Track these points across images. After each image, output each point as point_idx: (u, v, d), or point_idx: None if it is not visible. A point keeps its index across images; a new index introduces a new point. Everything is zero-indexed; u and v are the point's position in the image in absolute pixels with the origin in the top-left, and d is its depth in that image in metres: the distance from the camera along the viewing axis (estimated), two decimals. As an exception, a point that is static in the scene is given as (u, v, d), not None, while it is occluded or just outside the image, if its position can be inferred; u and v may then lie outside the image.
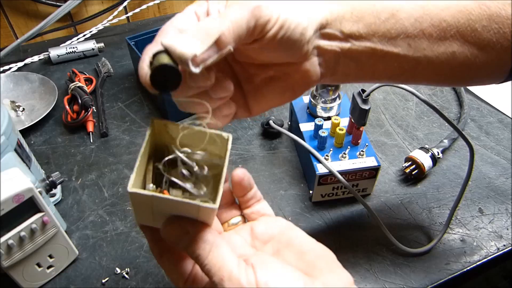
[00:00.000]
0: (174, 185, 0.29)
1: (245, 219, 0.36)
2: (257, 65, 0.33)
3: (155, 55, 0.26)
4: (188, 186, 0.28)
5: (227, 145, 0.29)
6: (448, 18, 0.33)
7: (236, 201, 0.37)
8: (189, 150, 0.29)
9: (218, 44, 0.26)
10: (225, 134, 0.29)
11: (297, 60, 0.32)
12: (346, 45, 0.33)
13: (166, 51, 0.25)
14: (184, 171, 0.29)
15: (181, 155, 0.28)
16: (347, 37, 0.32)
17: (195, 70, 0.25)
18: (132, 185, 0.26)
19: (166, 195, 0.27)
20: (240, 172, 0.34)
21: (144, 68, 0.26)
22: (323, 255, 0.31)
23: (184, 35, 0.26)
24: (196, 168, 0.29)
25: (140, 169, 0.28)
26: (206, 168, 0.29)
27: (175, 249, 0.31)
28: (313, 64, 0.33)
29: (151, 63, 0.26)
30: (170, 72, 0.25)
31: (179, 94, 0.28)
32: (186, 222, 0.28)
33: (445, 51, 0.34)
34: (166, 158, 0.29)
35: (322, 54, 0.33)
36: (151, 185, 0.29)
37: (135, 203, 0.28)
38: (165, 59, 0.25)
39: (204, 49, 0.25)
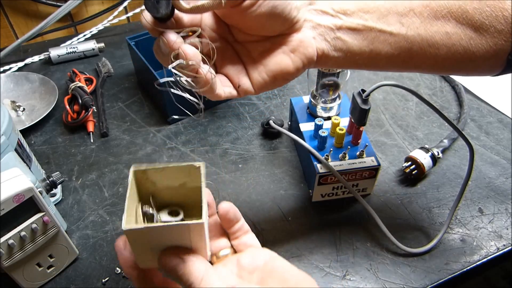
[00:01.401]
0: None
1: (234, 250, 0.38)
2: (253, 41, 0.35)
3: None
4: (178, 218, 0.32)
5: (200, 172, 0.31)
6: None
7: None
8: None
9: None
10: (196, 164, 0.31)
11: (289, 28, 0.34)
12: (338, 21, 0.34)
13: None
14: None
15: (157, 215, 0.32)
16: (337, 13, 0.34)
17: (185, 4, 0.28)
18: (126, 223, 0.28)
19: (158, 224, 0.28)
20: (226, 206, 0.36)
21: None
22: (305, 281, 0.33)
23: None
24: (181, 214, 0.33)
25: (129, 210, 0.29)
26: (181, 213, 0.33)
27: (165, 282, 0.33)
28: (307, 36, 0.35)
29: None
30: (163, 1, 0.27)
31: (166, 26, 0.30)
32: (181, 250, 0.30)
33: (439, 30, 0.34)
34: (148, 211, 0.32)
35: (315, 28, 0.35)
36: (134, 224, 0.31)
37: (132, 242, 0.30)
38: None
39: None
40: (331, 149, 0.53)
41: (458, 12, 0.34)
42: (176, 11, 0.30)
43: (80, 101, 0.67)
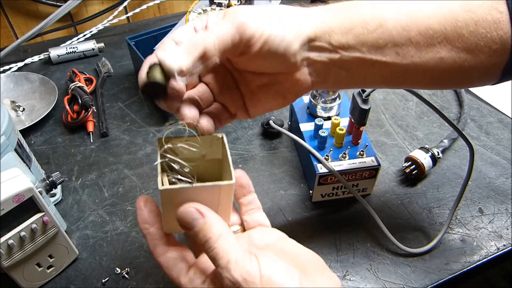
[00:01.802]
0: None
1: (243, 228, 0.38)
2: (252, 73, 0.36)
3: (151, 66, 0.29)
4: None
5: (223, 141, 0.34)
6: (434, 25, 0.33)
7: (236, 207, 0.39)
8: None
9: (203, 57, 0.29)
10: (219, 134, 0.34)
11: (287, 70, 0.34)
12: (336, 56, 0.34)
13: (160, 63, 0.29)
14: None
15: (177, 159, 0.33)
16: (336, 48, 0.34)
17: (180, 83, 0.29)
18: (163, 184, 0.30)
19: (192, 184, 0.30)
20: (239, 171, 0.36)
21: (142, 77, 0.30)
22: (314, 260, 0.33)
23: (175, 48, 0.29)
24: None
25: (161, 173, 0.31)
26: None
27: (177, 245, 0.33)
28: (304, 74, 0.35)
29: (148, 73, 0.29)
30: (158, 87, 0.29)
31: (165, 104, 0.32)
32: (202, 207, 0.30)
33: (433, 57, 0.34)
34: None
35: (312, 64, 0.35)
36: (170, 185, 0.33)
37: (164, 203, 0.31)
38: (157, 73, 0.29)
39: (190, 62, 0.29)
40: (331, 149, 0.53)
41: (454, 37, 0.34)
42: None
43: (80, 101, 0.67)
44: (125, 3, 0.89)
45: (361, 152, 0.53)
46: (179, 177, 0.32)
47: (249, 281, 0.28)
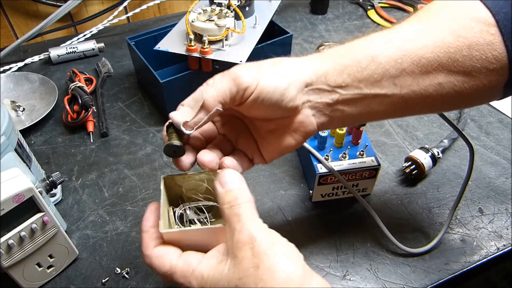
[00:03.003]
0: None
1: None
2: (259, 120, 0.39)
3: (167, 130, 0.35)
4: (204, 215, 0.38)
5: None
6: (427, 54, 0.35)
7: None
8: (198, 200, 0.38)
9: (205, 108, 0.34)
10: (219, 171, 0.36)
11: (288, 114, 0.36)
12: (335, 96, 0.36)
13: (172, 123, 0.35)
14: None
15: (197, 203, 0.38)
16: (334, 88, 0.36)
17: (187, 132, 0.34)
18: (163, 228, 0.33)
19: (191, 227, 0.33)
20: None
21: (164, 135, 0.37)
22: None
23: (182, 107, 0.34)
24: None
25: (164, 214, 0.35)
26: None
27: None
28: (307, 116, 0.37)
29: (167, 131, 0.36)
30: (175, 147, 0.35)
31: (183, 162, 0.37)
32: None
33: (431, 83, 0.35)
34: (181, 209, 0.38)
35: (313, 107, 0.37)
36: (177, 226, 0.37)
37: (167, 240, 0.34)
38: (173, 136, 0.35)
39: (193, 114, 0.34)
40: (331, 149, 0.53)
41: (448, 63, 0.34)
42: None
43: (80, 101, 0.67)
44: (125, 3, 0.89)
45: (361, 152, 0.53)
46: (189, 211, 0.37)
47: (265, 243, 0.29)
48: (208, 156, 0.36)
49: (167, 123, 0.36)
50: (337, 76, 0.36)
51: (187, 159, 0.37)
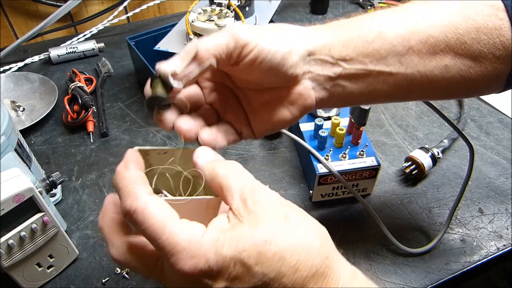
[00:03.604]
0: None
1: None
2: (253, 90, 0.36)
3: (152, 80, 0.31)
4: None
5: None
6: (435, 34, 0.34)
7: None
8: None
9: (198, 59, 0.31)
10: (193, 147, 0.32)
11: (287, 83, 0.34)
12: (338, 69, 0.34)
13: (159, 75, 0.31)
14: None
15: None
16: (338, 61, 0.34)
17: (175, 84, 0.30)
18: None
19: (180, 197, 0.28)
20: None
21: (147, 89, 0.32)
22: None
23: (172, 58, 0.31)
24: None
25: None
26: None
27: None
28: (306, 88, 0.34)
29: (151, 87, 0.31)
30: (160, 99, 0.31)
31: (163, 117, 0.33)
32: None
33: (437, 65, 0.34)
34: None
35: (315, 79, 0.34)
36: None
37: None
38: (158, 86, 0.31)
39: (184, 65, 0.31)
40: (331, 149, 0.53)
41: (456, 45, 0.34)
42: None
43: (80, 101, 0.67)
44: (125, 3, 0.89)
45: (361, 152, 0.53)
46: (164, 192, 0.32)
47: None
48: (187, 124, 0.33)
49: (152, 76, 0.32)
50: (342, 48, 0.34)
51: (171, 116, 0.33)
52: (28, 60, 0.81)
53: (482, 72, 0.35)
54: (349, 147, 0.54)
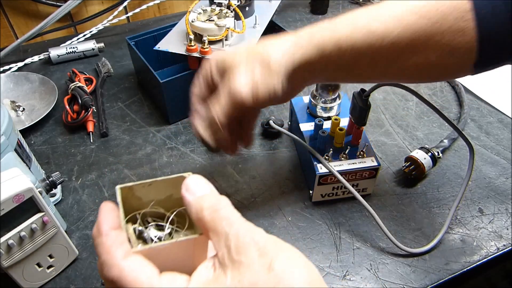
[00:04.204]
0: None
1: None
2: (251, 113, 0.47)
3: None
4: (166, 232, 0.30)
5: None
6: (402, 40, 0.38)
7: None
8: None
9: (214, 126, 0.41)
10: (185, 174, 0.30)
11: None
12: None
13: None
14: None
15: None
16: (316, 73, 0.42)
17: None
18: (131, 247, 0.27)
19: (164, 242, 0.27)
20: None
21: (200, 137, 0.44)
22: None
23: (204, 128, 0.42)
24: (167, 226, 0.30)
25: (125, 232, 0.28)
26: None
27: None
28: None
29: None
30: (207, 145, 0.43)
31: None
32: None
33: (404, 64, 0.40)
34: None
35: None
36: (140, 245, 0.28)
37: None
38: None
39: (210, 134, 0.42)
40: (331, 149, 0.53)
41: (421, 48, 0.38)
42: None
43: (80, 101, 0.67)
44: (125, 3, 0.89)
45: (361, 152, 0.53)
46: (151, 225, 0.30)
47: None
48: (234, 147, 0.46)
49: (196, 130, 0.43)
50: (320, 71, 0.41)
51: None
52: (28, 60, 0.81)
53: (450, 64, 0.39)
54: (349, 147, 0.54)
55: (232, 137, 0.44)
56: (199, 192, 0.28)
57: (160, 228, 0.31)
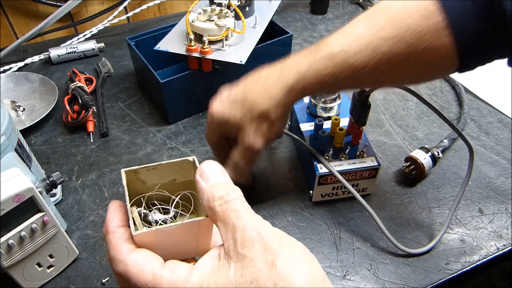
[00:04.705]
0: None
1: None
2: None
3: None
4: (170, 215, 0.31)
5: (194, 164, 0.32)
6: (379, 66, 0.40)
7: None
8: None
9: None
10: (189, 158, 0.31)
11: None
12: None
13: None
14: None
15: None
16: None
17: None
18: (135, 230, 0.28)
19: (169, 224, 0.28)
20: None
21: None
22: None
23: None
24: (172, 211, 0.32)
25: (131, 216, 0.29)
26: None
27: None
28: None
29: None
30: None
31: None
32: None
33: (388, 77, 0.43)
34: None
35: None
36: (145, 228, 0.30)
37: (140, 244, 0.29)
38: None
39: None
40: (331, 149, 0.53)
41: (400, 68, 0.41)
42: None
43: (80, 101, 0.67)
44: (125, 3, 0.89)
45: (361, 152, 0.53)
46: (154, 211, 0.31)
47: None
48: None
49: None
50: (314, 90, 0.43)
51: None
52: (28, 60, 0.81)
53: (433, 72, 0.42)
54: (349, 147, 0.54)
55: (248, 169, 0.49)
56: (213, 179, 0.28)
57: (164, 211, 0.32)
